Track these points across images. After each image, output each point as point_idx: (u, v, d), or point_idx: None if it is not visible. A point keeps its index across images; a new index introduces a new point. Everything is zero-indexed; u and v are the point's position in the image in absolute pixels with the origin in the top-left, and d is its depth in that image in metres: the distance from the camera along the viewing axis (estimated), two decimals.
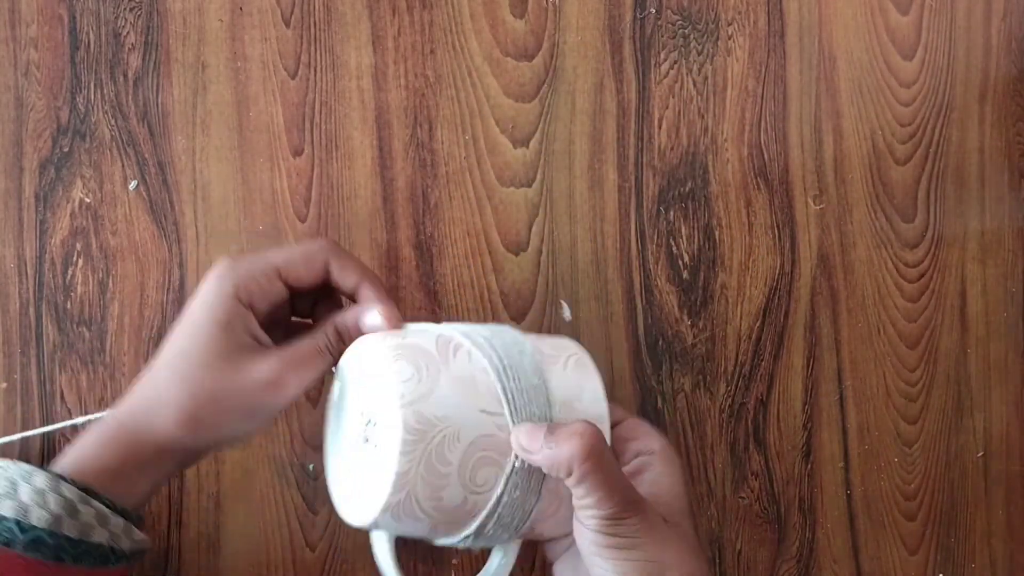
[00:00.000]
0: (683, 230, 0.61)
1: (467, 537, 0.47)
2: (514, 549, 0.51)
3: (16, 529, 0.44)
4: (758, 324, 0.61)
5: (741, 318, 0.61)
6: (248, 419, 0.49)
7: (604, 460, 0.44)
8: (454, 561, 0.60)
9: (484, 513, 0.46)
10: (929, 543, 0.63)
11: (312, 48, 0.59)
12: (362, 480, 0.47)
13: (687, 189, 0.61)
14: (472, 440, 0.45)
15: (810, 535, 0.62)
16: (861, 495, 0.62)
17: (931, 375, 0.62)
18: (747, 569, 0.62)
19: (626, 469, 0.49)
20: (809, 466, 0.62)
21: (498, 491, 0.46)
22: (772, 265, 0.61)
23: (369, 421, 0.47)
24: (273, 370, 0.48)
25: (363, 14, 0.59)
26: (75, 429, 0.59)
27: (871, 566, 0.62)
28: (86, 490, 0.46)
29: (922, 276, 0.62)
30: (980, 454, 0.63)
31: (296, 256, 0.51)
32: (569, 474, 0.44)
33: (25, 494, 0.45)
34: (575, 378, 0.49)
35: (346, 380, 0.50)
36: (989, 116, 0.62)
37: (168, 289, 0.59)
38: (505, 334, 0.50)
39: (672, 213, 0.61)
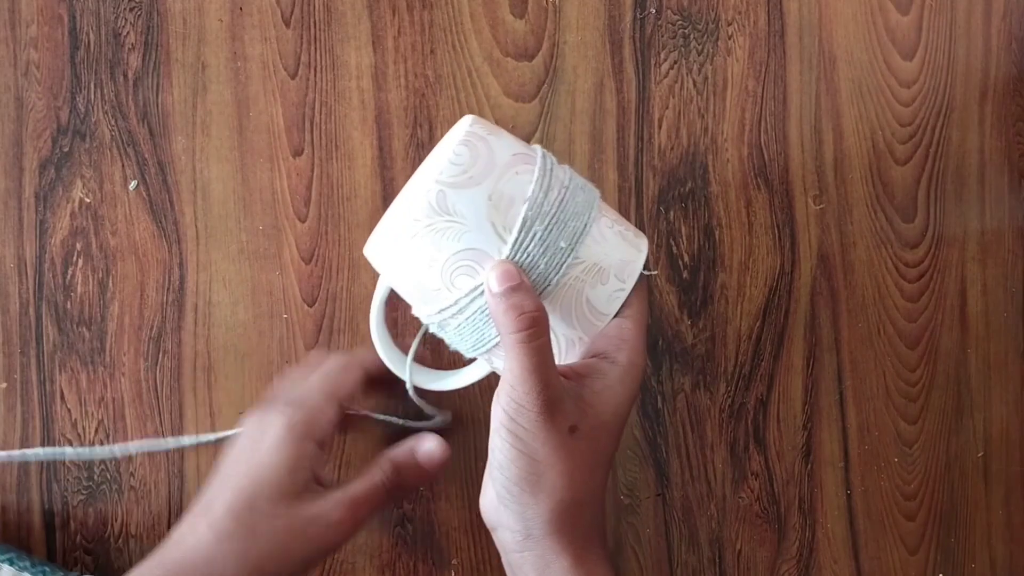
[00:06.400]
0: (683, 230, 0.61)
1: (434, 316, 0.49)
2: (483, 367, 0.53)
3: None
4: (758, 324, 0.61)
5: (741, 318, 0.61)
6: (310, 564, 0.50)
7: (531, 347, 0.44)
8: (454, 561, 0.60)
9: (449, 312, 0.48)
10: (929, 543, 0.63)
11: (312, 48, 0.59)
12: (387, 217, 0.51)
13: (687, 189, 0.61)
14: (468, 247, 0.46)
15: (810, 535, 0.62)
16: (861, 495, 0.62)
17: (931, 375, 0.62)
18: (747, 569, 0.62)
19: (576, 365, 0.48)
20: (809, 466, 0.62)
21: (463, 302, 0.47)
22: (772, 265, 0.61)
23: (419, 175, 0.51)
24: (336, 513, 0.49)
25: (363, 14, 0.60)
26: (75, 428, 0.59)
27: (871, 566, 0.62)
28: None
29: (922, 276, 0.62)
30: (980, 454, 0.63)
31: (337, 374, 0.53)
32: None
33: None
34: (609, 273, 0.49)
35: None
36: (989, 116, 0.62)
37: (168, 289, 0.59)
38: (587, 195, 0.49)
39: (672, 213, 0.61)
